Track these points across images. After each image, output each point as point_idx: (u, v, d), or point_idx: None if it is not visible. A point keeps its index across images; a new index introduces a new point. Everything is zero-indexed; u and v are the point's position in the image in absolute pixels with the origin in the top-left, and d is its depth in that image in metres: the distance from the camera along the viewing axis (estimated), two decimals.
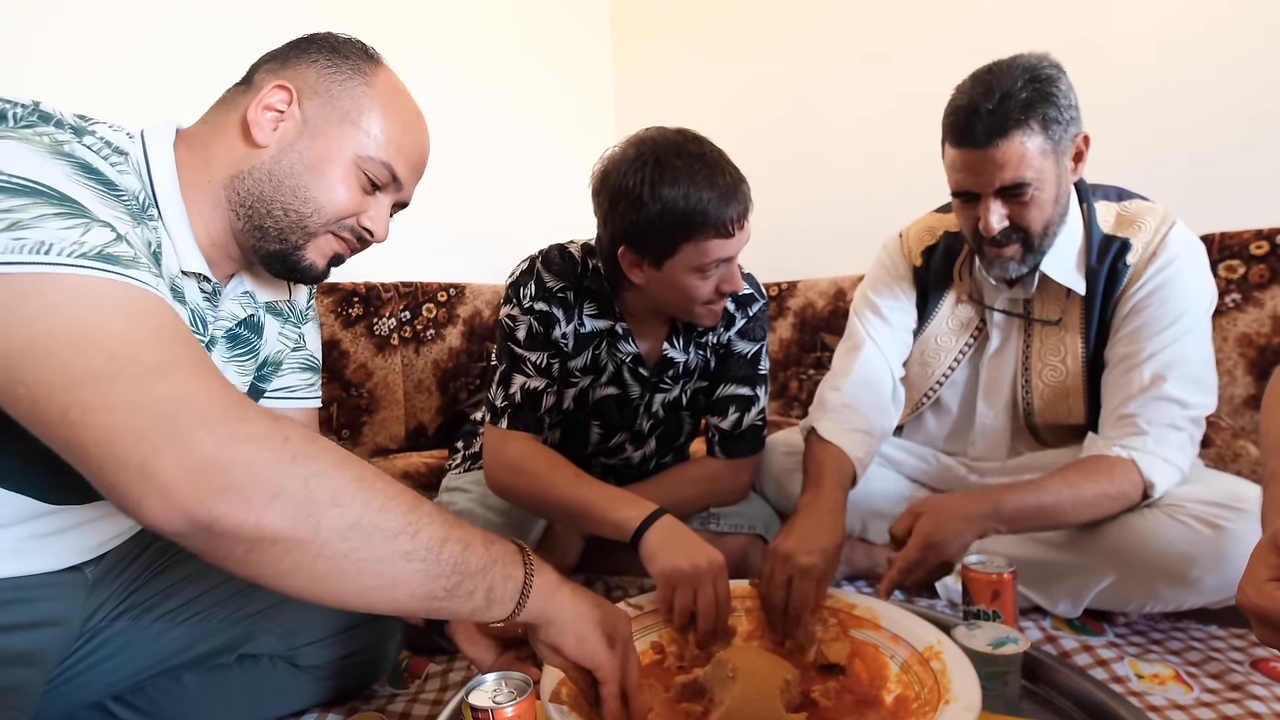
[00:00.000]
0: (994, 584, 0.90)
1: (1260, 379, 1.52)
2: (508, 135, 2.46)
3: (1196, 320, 1.03)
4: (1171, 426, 1.00)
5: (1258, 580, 0.53)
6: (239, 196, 0.71)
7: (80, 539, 0.72)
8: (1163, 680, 0.92)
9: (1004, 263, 1.08)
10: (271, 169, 0.71)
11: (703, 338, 1.21)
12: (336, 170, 0.72)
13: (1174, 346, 1.01)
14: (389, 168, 0.75)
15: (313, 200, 0.72)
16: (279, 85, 0.71)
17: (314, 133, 0.72)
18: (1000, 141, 0.97)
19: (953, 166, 1.04)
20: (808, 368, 2.20)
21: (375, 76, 0.75)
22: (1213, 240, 1.57)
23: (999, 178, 0.99)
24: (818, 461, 1.10)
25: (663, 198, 0.98)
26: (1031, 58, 1.00)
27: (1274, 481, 0.62)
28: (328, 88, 0.73)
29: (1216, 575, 0.95)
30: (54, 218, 0.51)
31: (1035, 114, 0.96)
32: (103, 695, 0.81)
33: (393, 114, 0.75)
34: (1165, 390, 1.00)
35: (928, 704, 0.71)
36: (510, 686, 0.65)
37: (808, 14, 2.37)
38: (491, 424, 1.16)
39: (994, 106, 0.96)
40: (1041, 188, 1.00)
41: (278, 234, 0.73)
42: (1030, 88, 0.96)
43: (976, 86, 0.99)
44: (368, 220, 0.76)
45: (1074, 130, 1.01)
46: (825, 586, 0.92)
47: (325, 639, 0.89)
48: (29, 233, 0.49)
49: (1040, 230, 1.04)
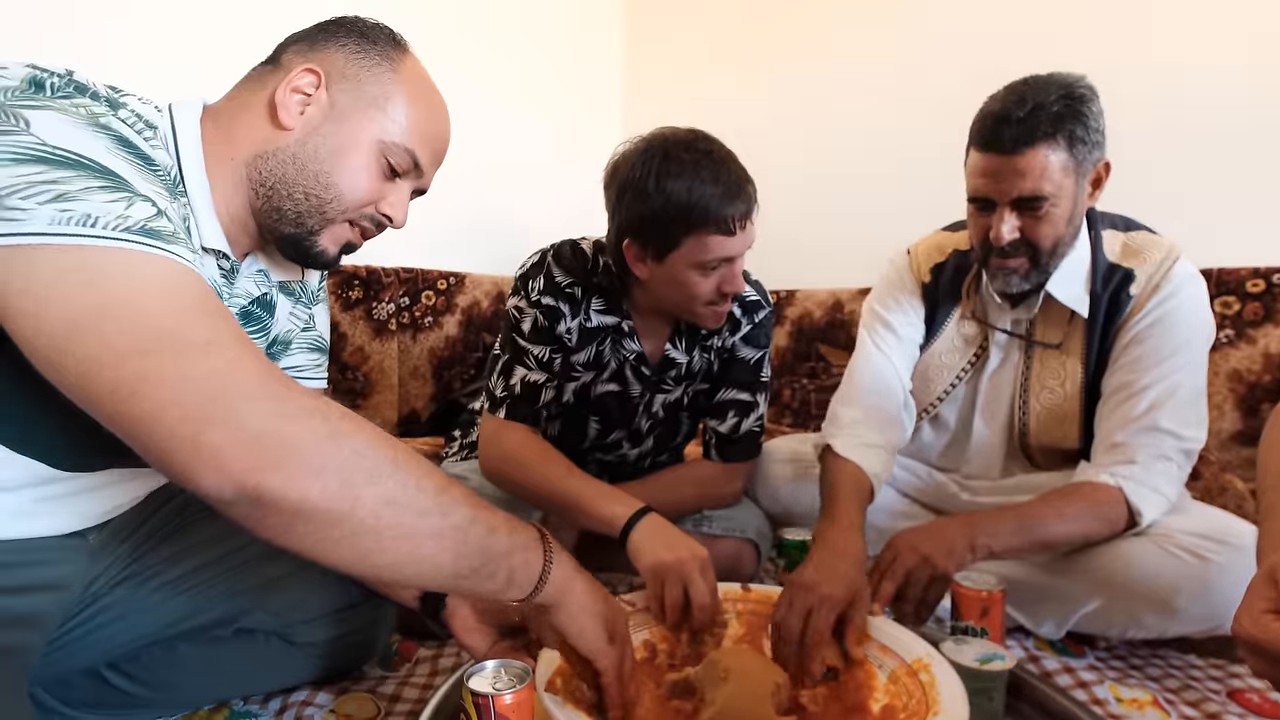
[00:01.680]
0: (984, 601, 0.92)
1: (1248, 415, 1.55)
2: (514, 131, 2.46)
3: (1194, 355, 1.05)
4: (1162, 457, 1.02)
5: (1254, 612, 0.54)
6: (260, 176, 0.72)
7: (86, 504, 0.73)
8: (1141, 705, 0.94)
9: (1008, 275, 1.09)
10: (295, 152, 0.71)
11: (707, 341, 1.22)
12: (360, 156, 0.73)
13: (1170, 379, 1.03)
14: (412, 154, 0.76)
15: (334, 186, 0.72)
16: (307, 69, 0.72)
17: (340, 117, 0.72)
18: (1026, 150, 0.98)
19: (974, 171, 1.05)
20: (801, 377, 2.22)
21: (402, 63, 0.76)
22: (1211, 275, 1.60)
23: (1019, 186, 1.00)
24: (835, 482, 1.11)
25: (666, 190, 1.00)
26: (1069, 76, 1.01)
27: (1271, 516, 0.64)
28: (355, 73, 0.73)
29: (1200, 606, 0.97)
30: (99, 190, 0.51)
31: (1063, 129, 0.97)
32: (98, 661, 0.81)
33: (418, 101, 0.76)
34: (1158, 421, 1.02)
35: (915, 715, 0.73)
36: (510, 674, 0.66)
37: (816, 27, 2.39)
38: (489, 413, 1.17)
39: (1024, 115, 0.97)
40: (1058, 204, 1.01)
41: (295, 217, 0.73)
42: (1063, 103, 0.97)
43: (1010, 95, 1.00)
44: (387, 206, 0.77)
45: (1098, 155, 1.03)
46: (861, 613, 0.88)
47: (320, 618, 0.90)
48: (75, 204, 0.50)
49: (1049, 247, 1.05)
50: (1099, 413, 1.10)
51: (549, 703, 0.69)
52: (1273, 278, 1.55)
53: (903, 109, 2.19)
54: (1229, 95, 1.67)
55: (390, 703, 0.91)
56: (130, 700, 0.84)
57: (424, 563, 0.57)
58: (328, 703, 0.90)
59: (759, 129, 2.45)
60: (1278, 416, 0.76)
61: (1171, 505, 1.03)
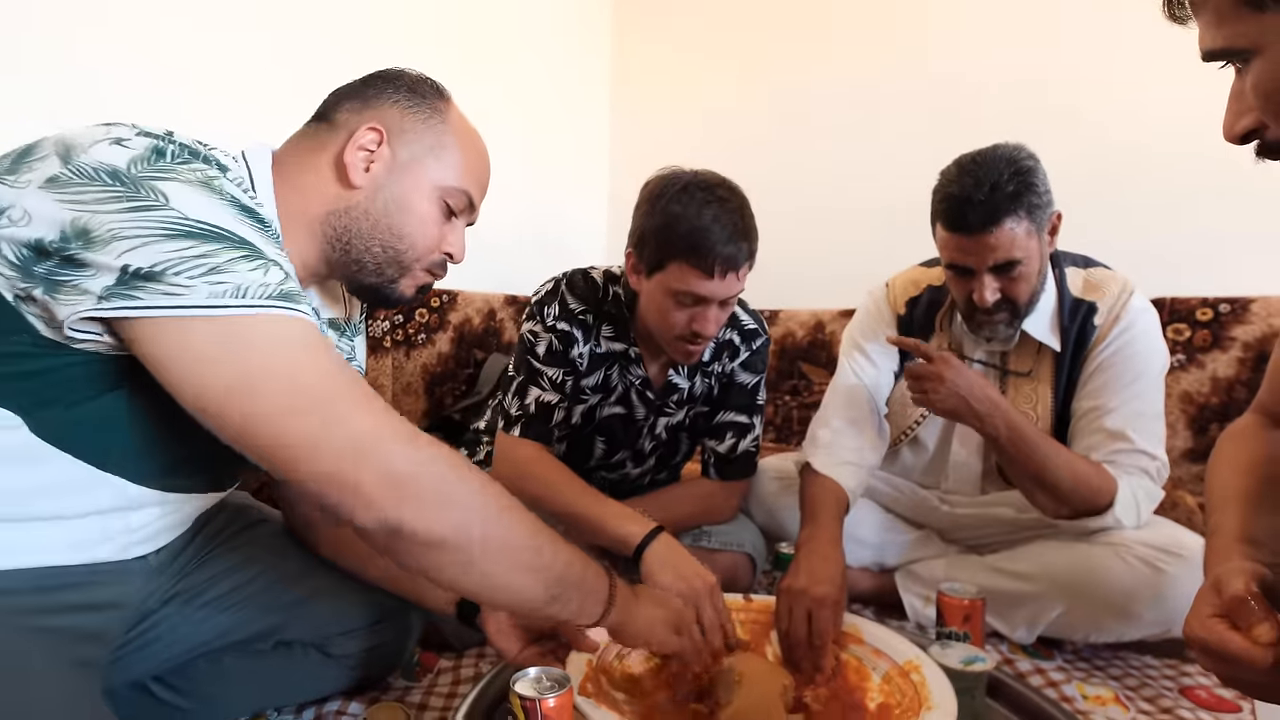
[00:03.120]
0: (966, 609, 1.01)
1: (1198, 434, 1.68)
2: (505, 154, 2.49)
3: (1153, 379, 1.16)
4: (1143, 471, 1.13)
5: (1201, 616, 0.63)
6: (335, 232, 0.78)
7: (155, 531, 0.77)
8: (1104, 701, 1.04)
9: (994, 327, 1.20)
10: (368, 208, 0.78)
11: (708, 367, 1.30)
12: (424, 204, 0.80)
13: (1136, 403, 1.14)
14: (468, 195, 0.83)
15: (407, 236, 0.79)
16: (371, 128, 0.77)
17: (402, 170, 0.78)
18: (994, 229, 1.08)
19: (945, 246, 1.16)
20: (784, 394, 2.31)
21: (449, 113, 0.83)
22: (1164, 304, 1.73)
23: (992, 258, 1.11)
24: (813, 496, 1.19)
25: (668, 212, 1.07)
26: (1009, 149, 1.12)
27: (1215, 534, 0.73)
28: (412, 126, 0.79)
29: (1154, 611, 1.08)
30: (241, 260, 0.58)
31: (1021, 202, 1.08)
32: (146, 675, 0.86)
33: (467, 146, 0.83)
34: (1133, 442, 1.12)
35: (909, 710, 0.81)
36: (550, 679, 0.73)
37: (806, 47, 2.49)
38: (504, 431, 1.22)
39: (984, 197, 1.08)
40: (1028, 264, 1.12)
41: (375, 269, 0.80)
42: (1015, 180, 1.08)
43: (965, 176, 1.10)
44: (448, 245, 0.84)
45: (1050, 210, 1.14)
46: (840, 613, 0.98)
47: (354, 630, 0.95)
48: (226, 277, 0.57)
49: (1026, 300, 1.16)
50: (1071, 434, 1.20)
51: (584, 705, 0.75)
52: (1220, 307, 1.68)
53: (888, 131, 2.30)
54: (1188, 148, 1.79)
55: (419, 711, 0.97)
56: (172, 713, 0.89)
57: (522, 592, 0.68)
58: (360, 711, 0.95)
59: (746, 149, 2.53)
60: (1223, 442, 0.86)
61: (1140, 519, 1.12)
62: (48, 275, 0.57)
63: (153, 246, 0.56)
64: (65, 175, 0.57)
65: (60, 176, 0.57)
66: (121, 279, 0.55)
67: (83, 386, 0.63)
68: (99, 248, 0.55)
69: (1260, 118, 0.54)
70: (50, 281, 0.57)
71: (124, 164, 0.58)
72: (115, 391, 0.64)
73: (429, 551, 0.61)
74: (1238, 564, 0.65)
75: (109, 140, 0.59)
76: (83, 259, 0.55)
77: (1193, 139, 1.77)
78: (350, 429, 0.58)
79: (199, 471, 0.77)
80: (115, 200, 0.56)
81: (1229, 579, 0.63)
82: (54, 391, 0.62)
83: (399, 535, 0.59)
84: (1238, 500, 0.75)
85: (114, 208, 0.56)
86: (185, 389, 0.57)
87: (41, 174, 0.58)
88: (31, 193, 0.57)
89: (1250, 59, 0.53)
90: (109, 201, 0.56)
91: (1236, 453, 0.81)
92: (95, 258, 0.55)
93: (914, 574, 1.32)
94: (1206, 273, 1.76)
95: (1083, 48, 1.98)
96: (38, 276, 0.57)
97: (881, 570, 1.37)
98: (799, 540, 1.12)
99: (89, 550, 0.71)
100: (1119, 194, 1.91)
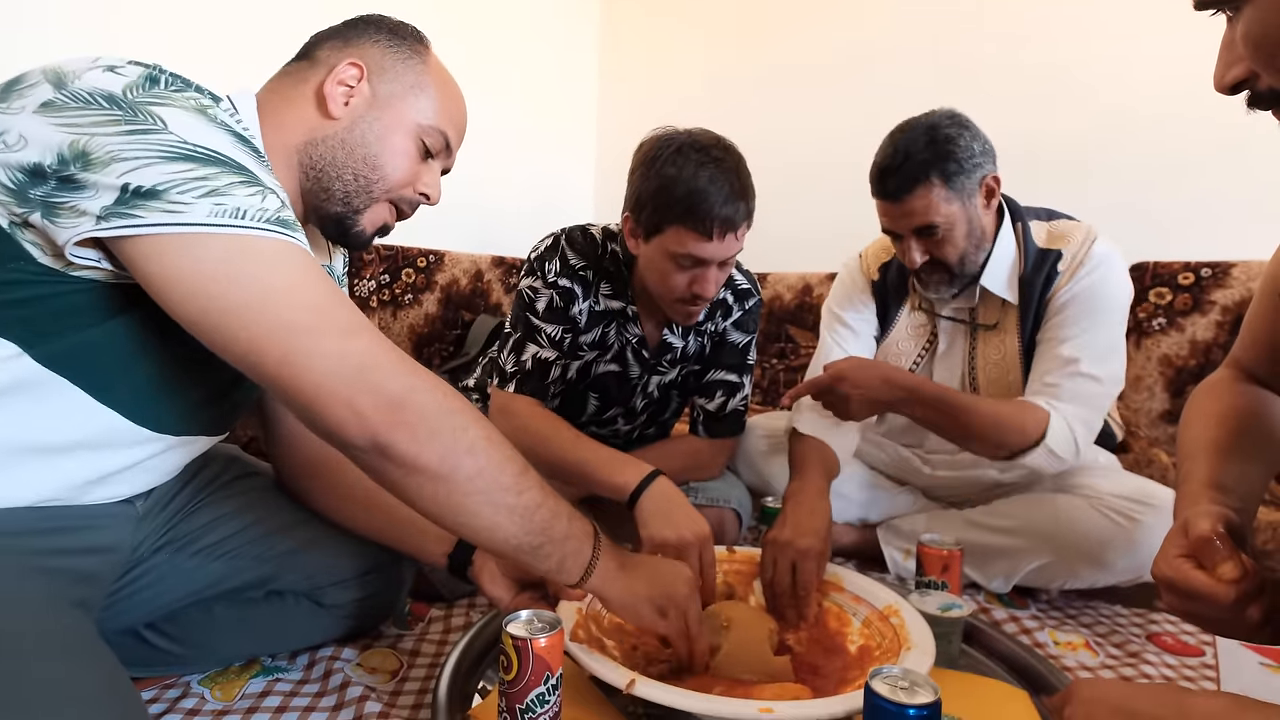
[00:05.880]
0: (944, 559, 1.03)
1: (1175, 396, 1.72)
2: (492, 113, 2.47)
3: (1112, 314, 1.17)
4: (1082, 396, 1.14)
5: (1169, 556, 0.66)
6: (311, 160, 0.78)
7: (139, 474, 0.77)
8: (1075, 647, 1.07)
9: (935, 286, 1.25)
10: (344, 138, 0.78)
11: (701, 325, 1.31)
12: (401, 139, 0.80)
13: (1092, 333, 1.16)
14: (444, 135, 0.84)
15: (380, 167, 0.80)
16: (351, 63, 0.78)
17: (382, 105, 0.80)
18: (906, 196, 1.13)
19: (878, 211, 1.21)
20: (771, 357, 2.33)
21: (428, 56, 0.84)
22: (1147, 268, 1.75)
23: (911, 222, 1.16)
24: (801, 455, 1.22)
25: (664, 175, 1.06)
26: (936, 116, 1.15)
27: (1186, 481, 0.75)
28: (393, 64, 0.81)
29: (1127, 559, 1.12)
30: (240, 185, 0.58)
31: (934, 170, 1.12)
32: (139, 622, 0.87)
33: (444, 88, 0.84)
34: (1080, 367, 1.15)
35: (889, 651, 0.84)
36: (541, 621, 0.74)
37: (792, 14, 2.48)
38: (499, 387, 1.23)
39: (898, 166, 1.12)
40: (951, 228, 1.16)
41: (343, 197, 0.80)
42: (930, 149, 1.11)
43: (887, 146, 1.16)
44: (423, 185, 0.84)
45: (980, 174, 1.16)
46: (824, 564, 1.00)
47: (346, 581, 0.96)
48: (225, 199, 0.57)
49: (956, 260, 1.20)
50: (1033, 365, 1.22)
51: (574, 649, 0.77)
52: (1201, 271, 1.71)
53: (876, 97, 2.28)
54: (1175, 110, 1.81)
55: (410, 656, 0.99)
56: (167, 657, 0.90)
57: (497, 530, 0.67)
58: (353, 657, 0.97)
59: (733, 114, 2.50)
60: (1196, 395, 0.88)
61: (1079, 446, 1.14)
62: (45, 198, 0.56)
63: (153, 168, 0.56)
64: (60, 100, 0.57)
65: (55, 101, 0.57)
66: (121, 198, 0.55)
67: (83, 314, 0.63)
68: (98, 169, 0.55)
69: (1251, 67, 0.54)
70: (48, 204, 0.56)
71: (119, 89, 0.58)
72: (115, 320, 0.64)
73: (411, 475, 0.62)
74: (1205, 507, 0.68)
75: (101, 67, 0.59)
76: (81, 180, 0.55)
77: (1179, 103, 1.80)
78: (351, 347, 0.59)
79: (195, 411, 0.77)
80: (114, 123, 0.56)
81: (1196, 521, 0.66)
82: (53, 321, 0.62)
83: (387, 456, 0.60)
84: (1208, 450, 0.77)
85: (112, 130, 0.56)
86: (187, 307, 0.57)
87: (35, 99, 0.57)
88: (26, 117, 0.57)
89: (1241, 7, 0.53)
90: (107, 124, 0.56)
91: (1209, 405, 0.83)
92: (94, 178, 0.55)
93: (895, 528, 1.35)
94: (1190, 237, 1.78)
95: (1071, 9, 1.97)
96: (34, 200, 0.57)
97: (864, 525, 1.40)
98: (786, 493, 1.14)
99: (81, 492, 0.72)
100: (1105, 157, 1.92)
